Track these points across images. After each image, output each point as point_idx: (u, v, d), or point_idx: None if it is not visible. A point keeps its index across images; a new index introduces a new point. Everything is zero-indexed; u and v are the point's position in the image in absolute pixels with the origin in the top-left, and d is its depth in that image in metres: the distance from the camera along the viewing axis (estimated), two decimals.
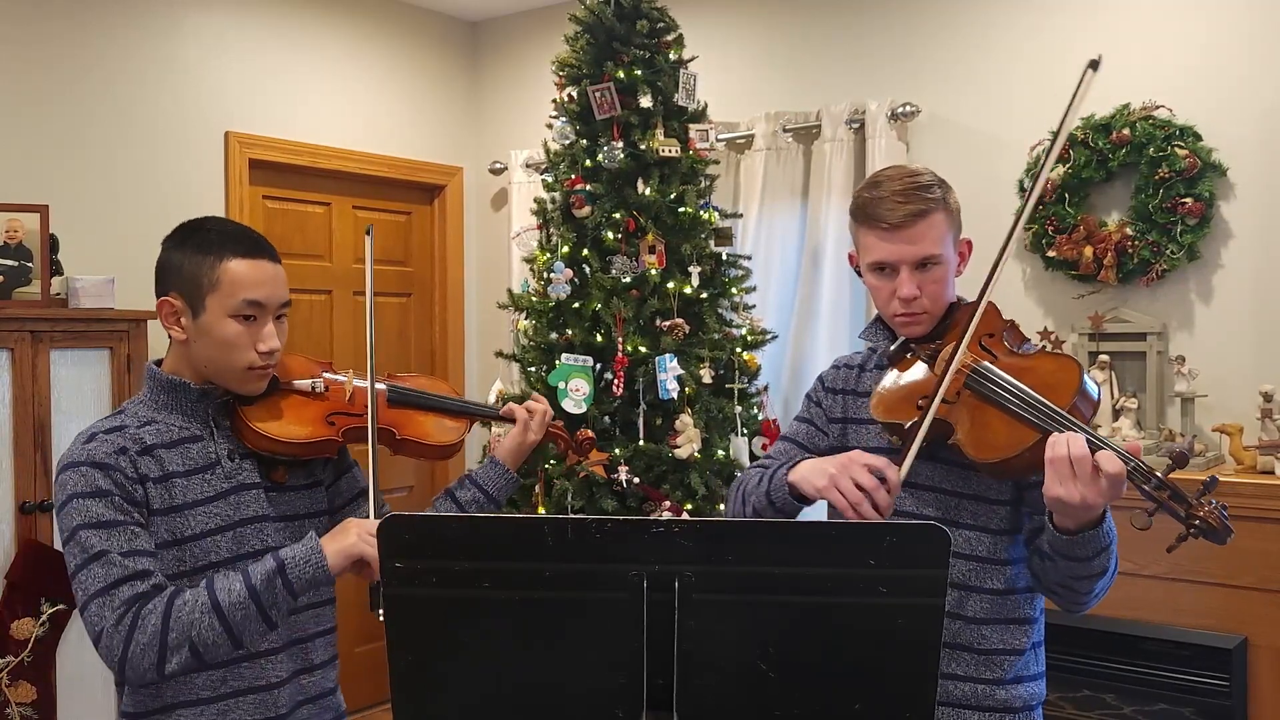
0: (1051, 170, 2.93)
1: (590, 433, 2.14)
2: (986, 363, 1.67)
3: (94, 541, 1.57)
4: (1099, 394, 1.68)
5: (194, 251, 1.70)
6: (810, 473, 1.69)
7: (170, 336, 1.73)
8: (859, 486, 1.60)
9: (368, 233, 1.99)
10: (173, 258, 1.72)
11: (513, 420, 2.01)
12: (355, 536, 1.61)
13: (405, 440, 1.89)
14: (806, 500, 1.74)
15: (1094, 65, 1.67)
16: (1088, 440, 1.48)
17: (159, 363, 1.77)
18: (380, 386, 1.89)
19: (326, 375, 1.88)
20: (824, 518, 1.77)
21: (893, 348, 1.81)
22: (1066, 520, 1.53)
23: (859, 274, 1.84)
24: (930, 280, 1.74)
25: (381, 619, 1.66)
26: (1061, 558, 1.57)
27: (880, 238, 1.74)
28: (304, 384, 1.83)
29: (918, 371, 1.75)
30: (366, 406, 1.82)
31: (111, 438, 1.65)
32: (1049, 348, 3.56)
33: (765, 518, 1.82)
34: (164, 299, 1.72)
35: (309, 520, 1.81)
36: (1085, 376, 1.62)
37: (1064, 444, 1.47)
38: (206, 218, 1.77)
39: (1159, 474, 1.47)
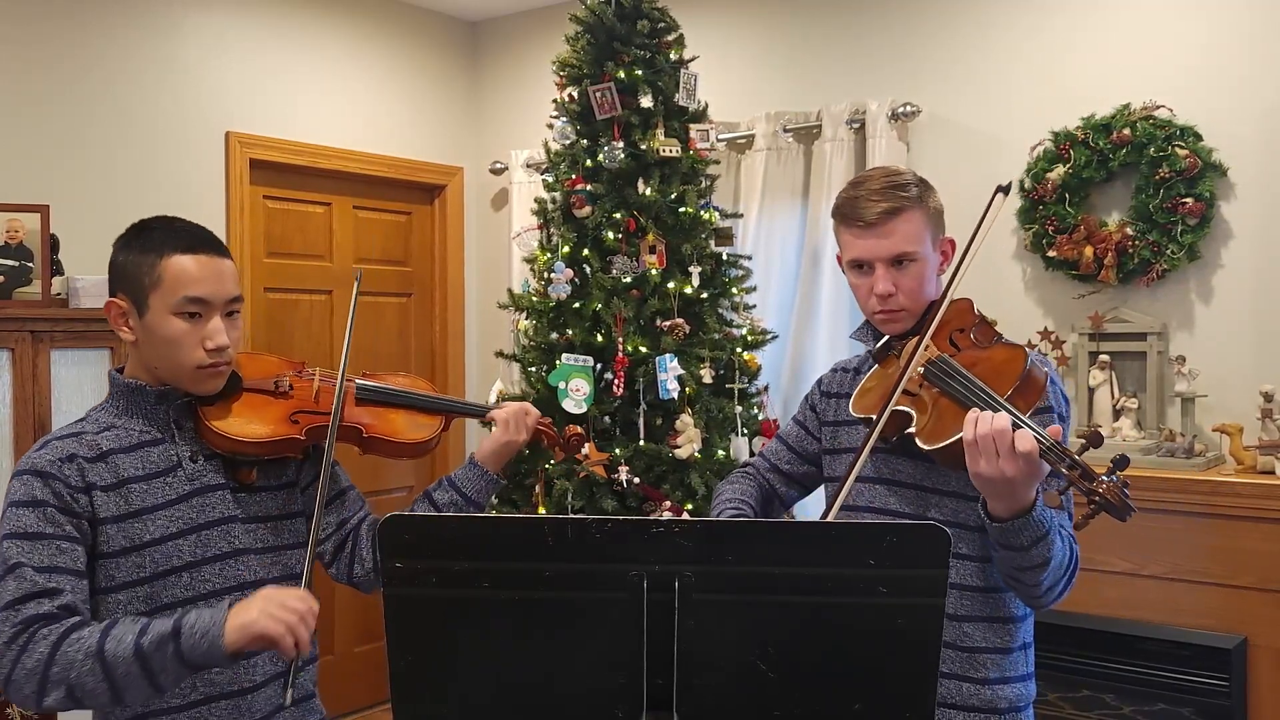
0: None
1: (579, 429, 2.09)
2: (947, 355, 1.70)
3: (13, 553, 1.53)
4: (1051, 379, 1.72)
5: (138, 251, 1.67)
6: None
7: (121, 339, 1.71)
8: None
9: (357, 278, 1.96)
10: (118, 259, 1.70)
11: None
12: (257, 612, 1.48)
13: (372, 438, 1.85)
14: None
15: (1004, 190, 1.75)
16: (1011, 421, 1.51)
17: (122, 369, 1.74)
18: (348, 384, 1.86)
19: (292, 375, 1.85)
20: (815, 511, 1.79)
21: (877, 346, 1.85)
22: (998, 506, 1.56)
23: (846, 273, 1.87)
24: (907, 277, 1.77)
25: (288, 703, 1.62)
26: (1001, 547, 1.60)
27: (856, 235, 1.78)
28: (266, 382, 1.80)
29: (896, 368, 1.78)
30: (331, 405, 1.79)
31: (65, 444, 1.62)
32: (1047, 345, 3.56)
33: None
34: (111, 300, 1.70)
35: (282, 521, 1.78)
36: (1031, 364, 1.66)
37: (986, 420, 1.51)
38: (155, 217, 1.74)
39: (1073, 454, 1.50)
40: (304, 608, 1.51)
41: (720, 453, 3.49)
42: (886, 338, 1.84)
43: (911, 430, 1.66)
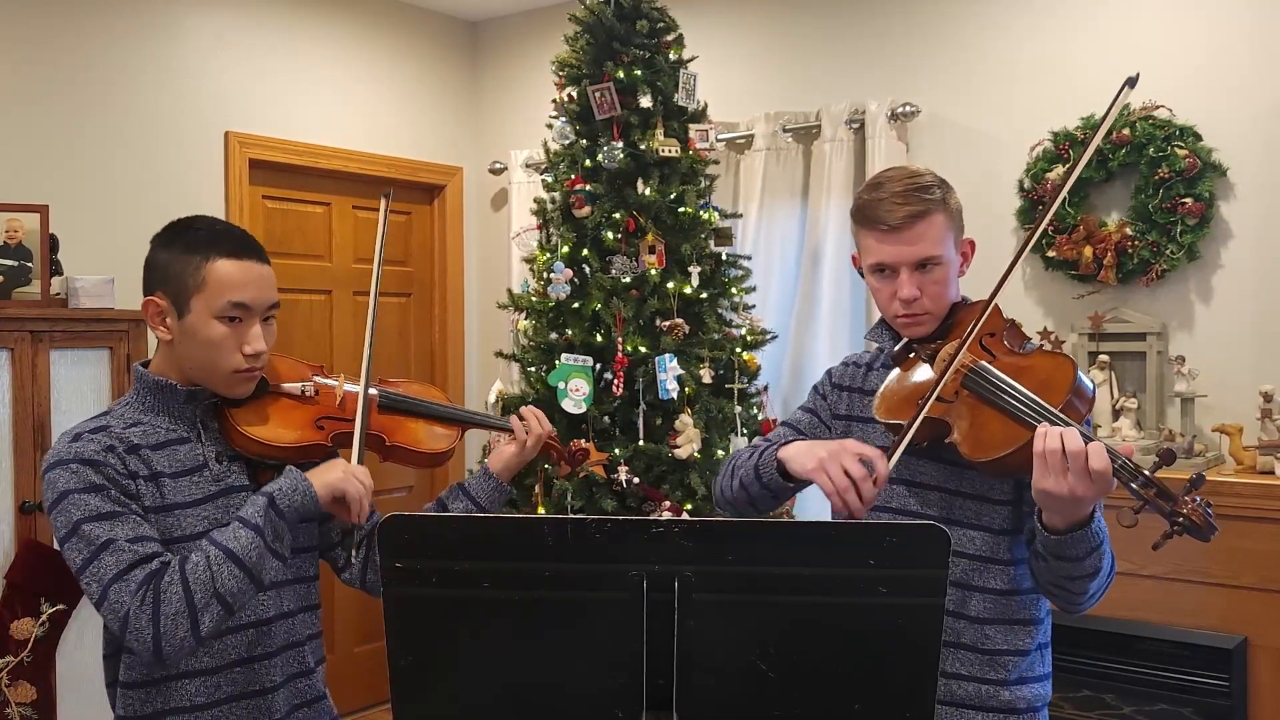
0: (1069, 185, 2.93)
1: (584, 443, 2.13)
2: (985, 362, 1.68)
3: (99, 532, 1.54)
4: (1094, 392, 1.69)
5: (180, 251, 1.67)
6: (801, 453, 1.70)
7: (156, 337, 1.71)
8: (847, 474, 1.60)
9: (385, 196, 1.96)
10: (159, 257, 1.69)
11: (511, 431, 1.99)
12: (341, 472, 1.65)
13: (395, 446, 1.87)
14: (792, 479, 1.74)
15: (1131, 83, 1.68)
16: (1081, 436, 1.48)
17: (146, 364, 1.74)
18: (372, 391, 1.87)
19: (317, 379, 1.85)
20: (814, 509, 1.77)
21: (896, 348, 1.82)
22: (1055, 518, 1.53)
23: (862, 275, 1.84)
24: (931, 281, 1.74)
25: (354, 561, 1.74)
26: (1053, 558, 1.57)
27: (880, 239, 1.74)
28: (294, 387, 1.81)
29: (920, 372, 1.75)
30: (357, 406, 1.80)
31: (97, 437, 1.62)
32: (1048, 346, 3.56)
33: (750, 490, 1.83)
34: (149, 299, 1.69)
35: (296, 526, 1.78)
36: (1080, 375, 1.63)
37: (1056, 436, 1.47)
38: (196, 216, 1.74)
39: (1146, 471, 1.46)
40: (369, 482, 1.68)
41: (720, 453, 3.49)
42: (905, 340, 1.81)
43: (952, 440, 1.63)
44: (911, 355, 1.79)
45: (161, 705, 1.64)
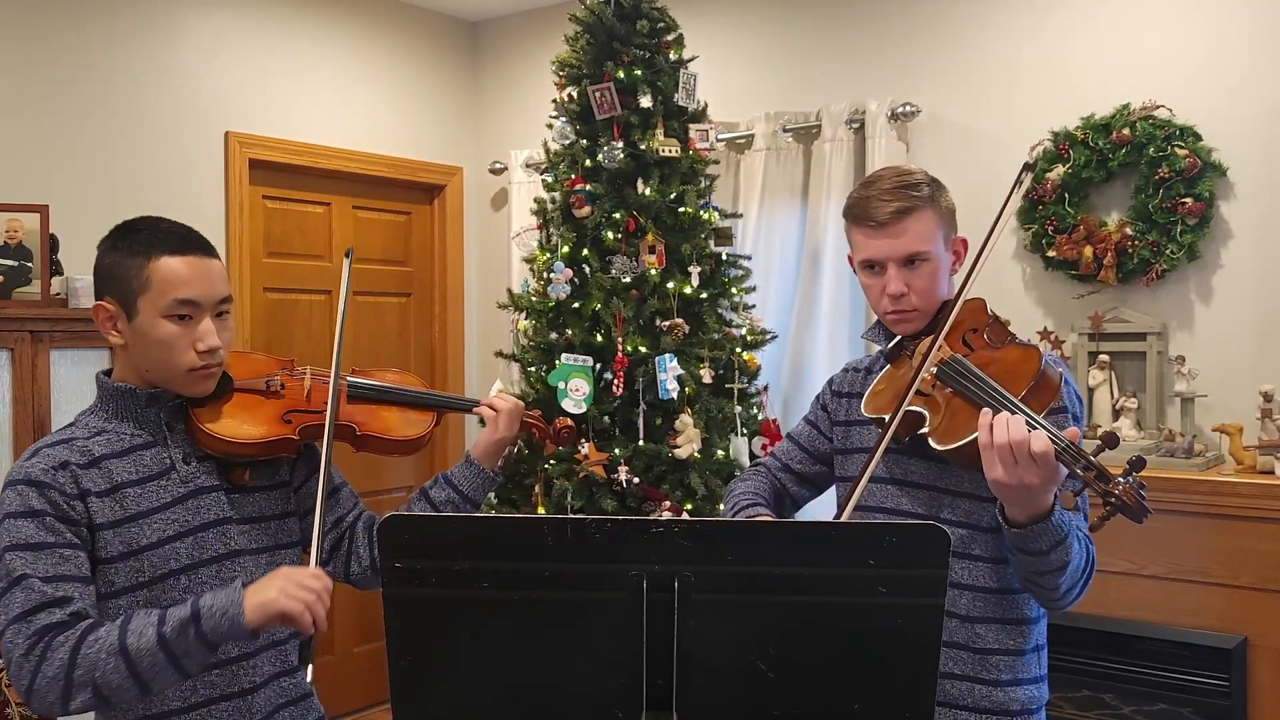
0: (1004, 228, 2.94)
1: (569, 421, 2.07)
2: (960, 355, 1.69)
3: (17, 565, 1.52)
4: (1066, 380, 1.71)
5: (124, 254, 1.65)
6: None
7: (110, 342, 1.69)
8: None
9: (347, 255, 1.96)
10: (104, 261, 1.68)
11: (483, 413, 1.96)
12: (276, 591, 1.51)
13: (367, 435, 1.85)
14: None
15: (1029, 168, 1.77)
16: (1026, 422, 1.50)
17: (109, 371, 1.72)
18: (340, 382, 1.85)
19: (283, 373, 1.83)
20: (816, 512, 1.79)
21: (889, 346, 1.84)
22: (1015, 511, 1.54)
23: (856, 273, 1.86)
24: (919, 277, 1.76)
25: (309, 680, 1.64)
26: (1020, 552, 1.58)
27: (868, 235, 1.77)
28: (257, 382, 1.78)
29: (908, 368, 1.77)
30: (324, 403, 1.77)
31: (56, 451, 1.61)
32: (1046, 343, 3.56)
33: None
34: (99, 304, 1.68)
35: (275, 522, 1.77)
36: (1046, 364, 1.65)
37: (1002, 425, 1.49)
38: (140, 218, 1.72)
39: (1088, 455, 1.48)
40: (319, 585, 1.54)
41: (720, 453, 3.49)
42: (898, 338, 1.83)
43: (924, 431, 1.65)
44: (903, 353, 1.81)
45: (143, 711, 1.63)
